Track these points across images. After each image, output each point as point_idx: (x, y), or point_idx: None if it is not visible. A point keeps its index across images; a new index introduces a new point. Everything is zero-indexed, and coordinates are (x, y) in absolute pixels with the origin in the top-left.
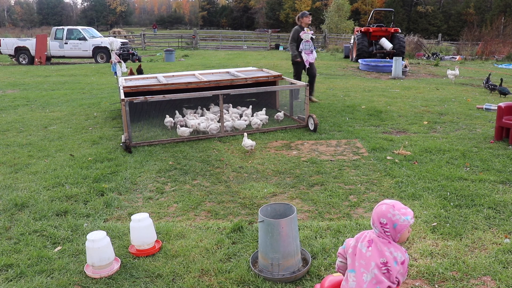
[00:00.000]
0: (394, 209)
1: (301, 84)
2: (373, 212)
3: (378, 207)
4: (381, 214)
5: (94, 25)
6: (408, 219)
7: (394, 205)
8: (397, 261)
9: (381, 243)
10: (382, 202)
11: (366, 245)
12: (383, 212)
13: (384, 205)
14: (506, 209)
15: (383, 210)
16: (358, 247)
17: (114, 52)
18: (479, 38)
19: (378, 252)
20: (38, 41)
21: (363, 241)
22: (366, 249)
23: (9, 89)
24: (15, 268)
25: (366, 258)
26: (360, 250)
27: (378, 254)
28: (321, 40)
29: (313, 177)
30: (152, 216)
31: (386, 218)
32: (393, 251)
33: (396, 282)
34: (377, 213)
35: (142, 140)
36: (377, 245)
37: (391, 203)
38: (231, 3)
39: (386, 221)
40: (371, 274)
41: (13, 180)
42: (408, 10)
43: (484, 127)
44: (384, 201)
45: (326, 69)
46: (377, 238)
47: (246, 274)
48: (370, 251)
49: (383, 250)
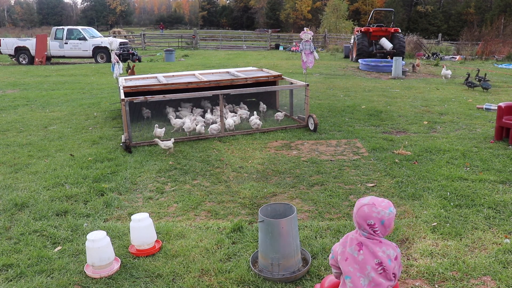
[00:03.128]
0: (376, 207)
1: (301, 84)
2: (355, 216)
3: (359, 210)
4: (366, 217)
5: (94, 25)
6: (392, 211)
7: (374, 203)
8: (391, 258)
9: (372, 244)
10: (360, 203)
11: (356, 248)
12: (367, 214)
13: (365, 206)
14: (506, 209)
15: (367, 212)
16: (348, 252)
17: (114, 52)
18: (479, 38)
19: (371, 254)
20: (38, 41)
21: (351, 245)
22: (358, 253)
23: (9, 89)
24: (15, 268)
25: (360, 262)
26: (351, 255)
27: (372, 256)
28: (321, 40)
29: (313, 177)
30: (152, 216)
31: (373, 218)
32: (385, 250)
33: (393, 278)
34: (362, 217)
35: (142, 140)
36: (368, 248)
37: (370, 202)
38: (231, 3)
39: (373, 222)
40: (369, 278)
41: (13, 180)
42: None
43: (484, 127)
44: (361, 202)
45: (326, 69)
46: (367, 240)
47: (246, 274)
48: (362, 254)
49: (375, 251)
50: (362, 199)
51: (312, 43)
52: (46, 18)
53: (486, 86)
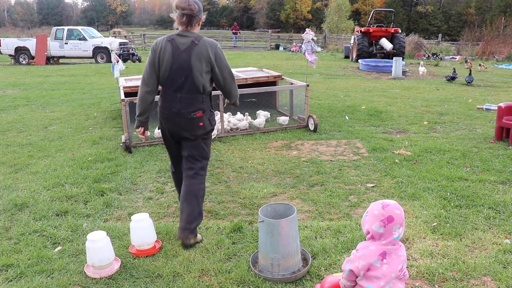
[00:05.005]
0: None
1: (301, 85)
2: (395, 221)
3: (400, 213)
4: (398, 220)
5: (94, 25)
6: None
7: (396, 204)
8: (406, 259)
9: (395, 251)
10: (393, 207)
11: (379, 259)
12: (401, 216)
13: (397, 210)
14: (506, 210)
15: (400, 214)
16: (371, 263)
17: (114, 52)
18: (479, 38)
19: (394, 262)
20: (38, 41)
21: (373, 257)
22: (381, 263)
23: (9, 89)
24: (15, 268)
25: (385, 272)
26: (374, 266)
27: (396, 263)
28: (321, 40)
29: (313, 177)
30: (152, 216)
31: (402, 221)
32: (403, 253)
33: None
34: (399, 220)
35: (142, 140)
36: (391, 256)
37: (396, 205)
38: (231, 3)
39: (399, 226)
40: (390, 285)
41: (13, 180)
42: (408, 10)
43: (484, 127)
44: (392, 206)
45: (326, 69)
46: (390, 249)
47: (246, 274)
48: (386, 263)
49: (398, 257)
50: (389, 204)
51: (314, 43)
52: (46, 18)
53: (469, 80)
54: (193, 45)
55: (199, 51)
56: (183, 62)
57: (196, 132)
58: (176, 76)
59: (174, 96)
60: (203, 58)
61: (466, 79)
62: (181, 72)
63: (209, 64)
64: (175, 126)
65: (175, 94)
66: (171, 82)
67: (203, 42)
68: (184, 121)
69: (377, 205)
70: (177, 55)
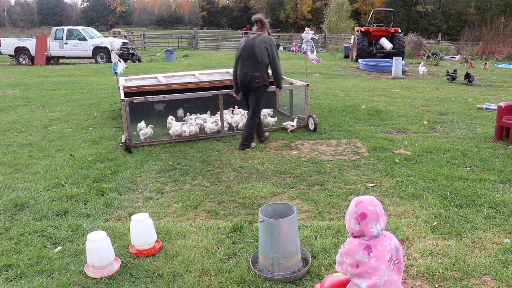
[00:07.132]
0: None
1: (301, 84)
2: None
3: (378, 206)
4: (372, 216)
5: (94, 25)
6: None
7: (372, 200)
8: (397, 246)
9: (379, 243)
10: (367, 203)
11: (365, 253)
12: (372, 213)
13: (370, 205)
14: (506, 209)
15: (378, 207)
16: (357, 259)
17: (115, 52)
18: (479, 38)
19: (381, 253)
20: (38, 41)
21: (357, 252)
22: (369, 257)
23: (9, 89)
24: (15, 268)
25: (373, 265)
26: (362, 261)
27: (383, 254)
28: (321, 40)
29: (313, 177)
30: (152, 216)
31: (382, 213)
32: (390, 241)
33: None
34: (379, 212)
35: (142, 140)
36: (377, 248)
37: (371, 200)
38: (231, 3)
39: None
40: (384, 277)
41: (13, 180)
42: (408, 10)
43: (484, 127)
44: (367, 202)
45: (326, 69)
46: (374, 241)
47: (246, 274)
48: (374, 256)
49: (384, 247)
50: (363, 201)
51: (313, 43)
52: (46, 18)
53: (470, 79)
54: (257, 36)
55: (261, 39)
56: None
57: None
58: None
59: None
60: (262, 43)
61: (467, 79)
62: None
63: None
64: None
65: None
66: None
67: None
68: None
69: (352, 203)
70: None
